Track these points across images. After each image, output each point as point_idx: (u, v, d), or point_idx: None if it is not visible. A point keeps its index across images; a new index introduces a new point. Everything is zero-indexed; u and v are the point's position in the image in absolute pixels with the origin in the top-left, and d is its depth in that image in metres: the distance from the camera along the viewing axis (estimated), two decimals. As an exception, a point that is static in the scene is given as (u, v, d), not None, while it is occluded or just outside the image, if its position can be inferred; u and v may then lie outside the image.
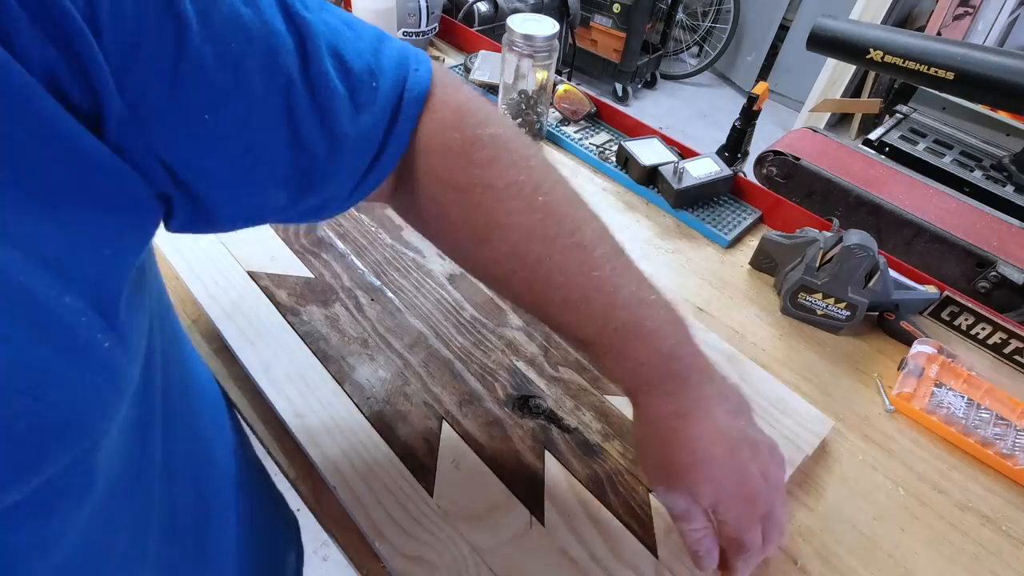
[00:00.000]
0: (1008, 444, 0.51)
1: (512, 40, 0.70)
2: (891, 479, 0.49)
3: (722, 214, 0.72)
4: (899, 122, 1.09)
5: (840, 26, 0.79)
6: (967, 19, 2.00)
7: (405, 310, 0.54)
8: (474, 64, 0.89)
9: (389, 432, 0.45)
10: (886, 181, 0.82)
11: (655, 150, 0.75)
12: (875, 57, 0.76)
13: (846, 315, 0.58)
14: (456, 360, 0.51)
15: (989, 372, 0.58)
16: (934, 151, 1.01)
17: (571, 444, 0.46)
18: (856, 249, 0.55)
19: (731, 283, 0.65)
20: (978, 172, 0.95)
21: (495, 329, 0.54)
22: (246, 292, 0.53)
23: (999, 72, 0.68)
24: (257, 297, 0.52)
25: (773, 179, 0.86)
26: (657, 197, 0.73)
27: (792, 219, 0.69)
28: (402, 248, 0.60)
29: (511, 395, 0.49)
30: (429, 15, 0.93)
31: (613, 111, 0.85)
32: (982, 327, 0.59)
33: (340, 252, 0.59)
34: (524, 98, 0.74)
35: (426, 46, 0.99)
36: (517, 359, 0.52)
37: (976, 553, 0.45)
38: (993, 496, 0.49)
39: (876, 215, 0.78)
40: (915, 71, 0.73)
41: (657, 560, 0.41)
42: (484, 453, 0.45)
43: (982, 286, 0.68)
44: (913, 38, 0.74)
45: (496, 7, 1.46)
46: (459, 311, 0.55)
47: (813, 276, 0.58)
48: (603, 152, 0.79)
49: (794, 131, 0.94)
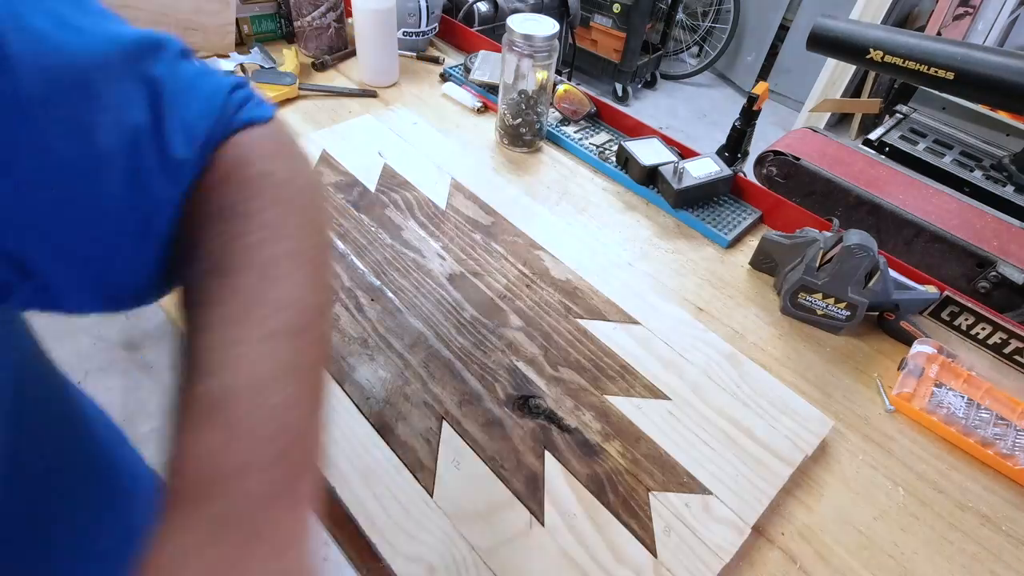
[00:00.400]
0: (1008, 444, 0.51)
1: (512, 40, 0.70)
2: (891, 479, 0.49)
3: (722, 214, 0.72)
4: (899, 122, 1.10)
5: (840, 26, 0.79)
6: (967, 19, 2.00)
7: (405, 310, 0.54)
8: (474, 64, 0.89)
9: (389, 432, 0.45)
10: (886, 181, 0.82)
11: (655, 150, 0.75)
12: (875, 57, 0.76)
13: (846, 315, 0.58)
14: (456, 360, 0.51)
15: (989, 372, 0.58)
16: (934, 151, 1.01)
17: (571, 444, 0.46)
18: (856, 249, 0.55)
19: (731, 283, 0.65)
20: (978, 172, 0.95)
21: (495, 329, 0.54)
22: None
23: (999, 72, 0.68)
24: None
25: (773, 179, 0.86)
26: (657, 197, 0.73)
27: (792, 219, 0.69)
28: (402, 248, 0.60)
29: (511, 395, 0.49)
30: (429, 15, 0.93)
31: (613, 111, 0.85)
32: (982, 327, 0.59)
33: (340, 252, 0.59)
34: (524, 98, 0.74)
35: (426, 46, 0.99)
36: (517, 359, 0.52)
37: (976, 553, 0.45)
38: (993, 496, 0.49)
39: (876, 215, 0.78)
40: (915, 71, 0.73)
41: (656, 559, 0.41)
42: (484, 453, 0.45)
43: (982, 286, 0.68)
44: (913, 38, 0.74)
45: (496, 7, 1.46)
46: (459, 311, 0.55)
47: (813, 276, 0.58)
48: (603, 152, 0.79)
49: (794, 131, 0.94)
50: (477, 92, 0.88)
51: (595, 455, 0.46)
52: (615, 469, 0.45)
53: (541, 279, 0.60)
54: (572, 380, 0.51)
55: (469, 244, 0.62)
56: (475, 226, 0.64)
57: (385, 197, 0.66)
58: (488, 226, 0.65)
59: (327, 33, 0.90)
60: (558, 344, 0.54)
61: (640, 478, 0.45)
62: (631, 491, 0.44)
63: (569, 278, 0.60)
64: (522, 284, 0.59)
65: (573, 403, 0.49)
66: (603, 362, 0.53)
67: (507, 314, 0.56)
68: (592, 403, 0.49)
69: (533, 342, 0.53)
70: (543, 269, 0.61)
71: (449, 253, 0.61)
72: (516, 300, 0.57)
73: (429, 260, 0.60)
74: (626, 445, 0.47)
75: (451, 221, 0.65)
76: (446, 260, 0.60)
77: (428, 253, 0.61)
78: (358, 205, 0.64)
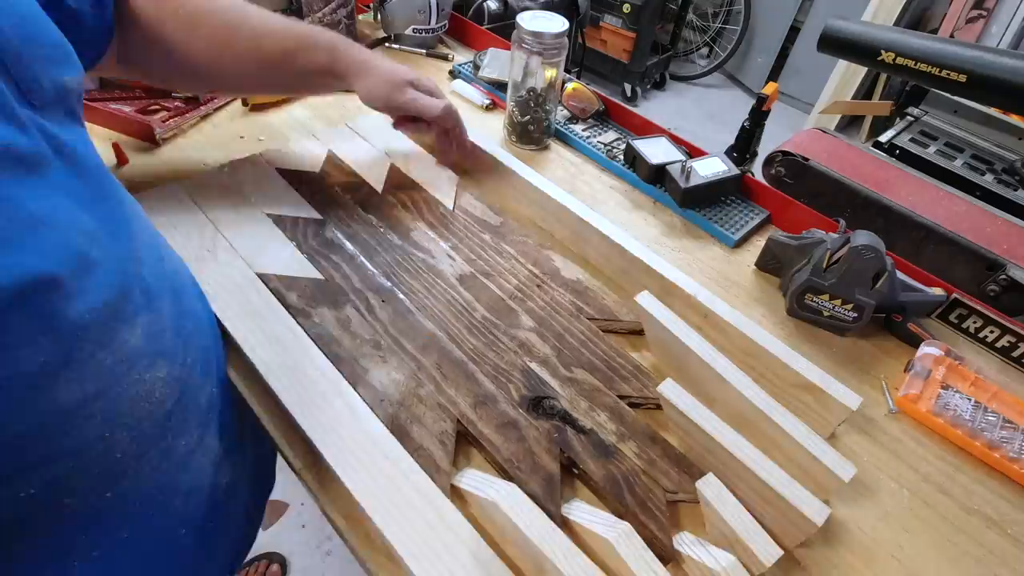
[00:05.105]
0: (1015, 447, 0.51)
1: (521, 37, 0.70)
2: (896, 480, 0.49)
3: (729, 214, 0.72)
4: (910, 125, 1.09)
5: (851, 27, 0.79)
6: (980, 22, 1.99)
7: (416, 311, 0.54)
8: (483, 61, 0.89)
9: (404, 435, 0.45)
10: (896, 183, 0.82)
11: (663, 149, 0.75)
12: (887, 59, 0.75)
13: (853, 316, 0.58)
14: (469, 361, 0.51)
15: (997, 375, 0.58)
16: (945, 154, 1.00)
17: (587, 445, 0.46)
18: (864, 250, 0.55)
19: (737, 283, 0.65)
20: (989, 176, 0.94)
21: (507, 330, 0.54)
22: (256, 294, 0.53)
23: (1012, 75, 0.67)
24: (267, 299, 0.52)
25: (781, 179, 0.86)
26: (664, 196, 0.73)
27: (800, 220, 0.69)
28: (411, 249, 0.60)
29: (525, 396, 0.49)
30: (439, 12, 0.93)
31: (621, 110, 0.85)
32: (990, 330, 0.59)
33: (349, 253, 0.59)
34: (533, 95, 0.75)
35: (436, 43, 0.99)
36: (530, 360, 0.52)
37: (981, 556, 0.45)
38: (999, 499, 0.49)
39: (885, 217, 0.77)
40: (927, 73, 0.73)
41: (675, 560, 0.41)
42: (500, 455, 0.45)
43: (991, 289, 0.68)
44: (925, 40, 0.73)
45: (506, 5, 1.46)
46: (471, 312, 0.55)
47: (820, 277, 0.58)
48: (611, 150, 0.79)
49: (803, 132, 0.93)
50: (486, 89, 0.88)
51: (611, 456, 0.45)
52: (632, 470, 0.45)
53: (552, 279, 0.60)
54: (586, 380, 0.51)
55: (479, 244, 0.62)
56: (484, 226, 0.65)
57: (393, 198, 0.66)
58: (497, 226, 0.65)
59: (338, 29, 0.90)
60: (571, 344, 0.53)
61: (657, 479, 0.45)
62: (648, 492, 0.44)
63: (579, 278, 0.60)
64: (533, 284, 0.59)
65: (587, 404, 0.49)
66: (616, 362, 0.53)
67: (519, 315, 0.56)
68: (607, 404, 0.49)
69: (546, 343, 0.53)
70: (553, 269, 0.61)
71: (459, 254, 0.61)
72: (527, 300, 0.57)
73: (439, 261, 0.60)
74: (642, 446, 0.46)
75: (460, 222, 0.65)
76: (456, 261, 0.60)
77: (438, 254, 0.61)
78: (366, 206, 0.64)
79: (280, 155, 0.68)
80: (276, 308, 0.51)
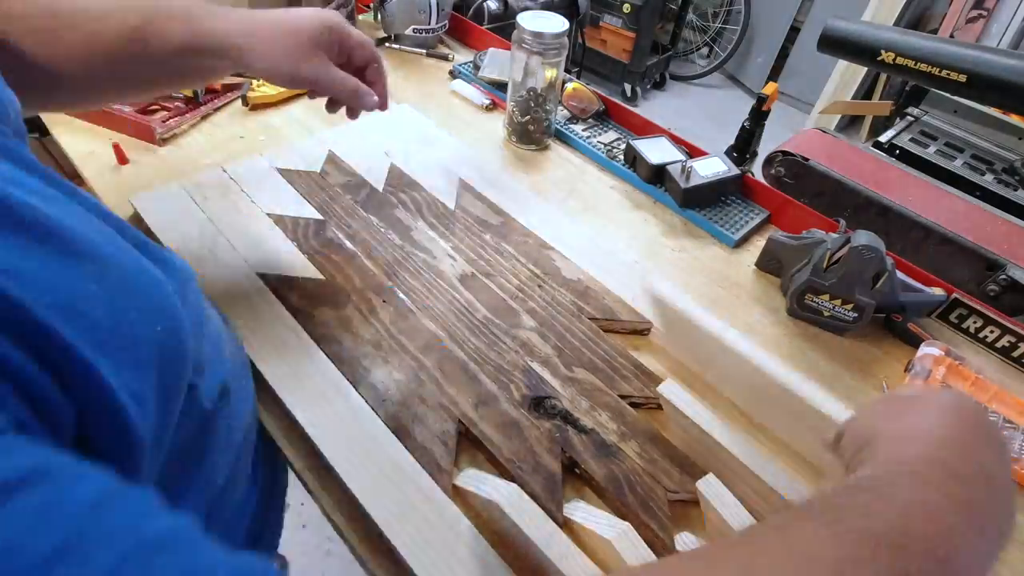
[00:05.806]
0: (1015, 448, 0.51)
1: (522, 37, 0.70)
2: (896, 481, 0.49)
3: (729, 214, 0.72)
4: (910, 125, 1.09)
5: (852, 27, 0.79)
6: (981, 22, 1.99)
7: (417, 311, 0.54)
8: (483, 61, 0.89)
9: (406, 435, 0.45)
10: (896, 183, 0.82)
11: (663, 149, 0.75)
12: (887, 59, 0.75)
13: (853, 316, 0.58)
14: (470, 361, 0.51)
15: (997, 375, 0.58)
16: (945, 154, 1.00)
17: (588, 445, 0.46)
18: (864, 250, 0.55)
19: (737, 283, 0.65)
20: (989, 176, 0.95)
21: (508, 330, 0.54)
22: (257, 294, 0.53)
23: (1012, 75, 0.67)
24: (268, 299, 0.52)
25: (781, 179, 0.86)
26: (664, 196, 0.73)
27: (800, 220, 0.69)
28: (412, 249, 0.60)
29: (526, 396, 0.49)
30: (439, 12, 0.93)
31: (622, 110, 0.85)
32: (990, 330, 0.59)
33: (349, 253, 0.59)
34: (533, 95, 0.75)
35: (436, 43, 0.99)
36: (531, 360, 0.52)
37: (981, 556, 0.45)
38: (999, 500, 0.49)
39: (885, 217, 0.77)
40: (927, 73, 0.73)
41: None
42: (501, 454, 0.44)
43: (991, 289, 0.68)
44: (925, 40, 0.73)
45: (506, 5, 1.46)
46: (472, 312, 0.55)
47: (820, 277, 0.58)
48: (611, 150, 0.79)
49: (803, 132, 0.93)
50: (486, 89, 0.88)
51: (612, 455, 0.45)
52: (633, 469, 0.45)
53: (552, 279, 0.60)
54: (586, 380, 0.51)
55: (479, 244, 0.62)
56: (485, 226, 0.65)
57: (393, 197, 0.66)
58: (498, 226, 0.65)
59: (338, 30, 0.90)
60: (572, 344, 0.53)
61: (658, 478, 0.45)
62: (649, 491, 0.44)
63: (580, 278, 0.60)
64: (534, 284, 0.59)
65: (588, 403, 0.49)
66: (617, 362, 0.53)
67: (520, 314, 0.56)
68: (608, 403, 0.49)
69: (547, 342, 0.53)
70: (554, 269, 0.61)
71: (459, 254, 0.61)
72: (528, 300, 0.57)
73: (440, 261, 0.60)
74: (643, 445, 0.46)
75: (460, 221, 0.65)
76: (457, 261, 0.60)
77: (438, 254, 0.61)
78: (366, 206, 0.64)
79: (280, 155, 0.68)
80: (277, 308, 0.51)
